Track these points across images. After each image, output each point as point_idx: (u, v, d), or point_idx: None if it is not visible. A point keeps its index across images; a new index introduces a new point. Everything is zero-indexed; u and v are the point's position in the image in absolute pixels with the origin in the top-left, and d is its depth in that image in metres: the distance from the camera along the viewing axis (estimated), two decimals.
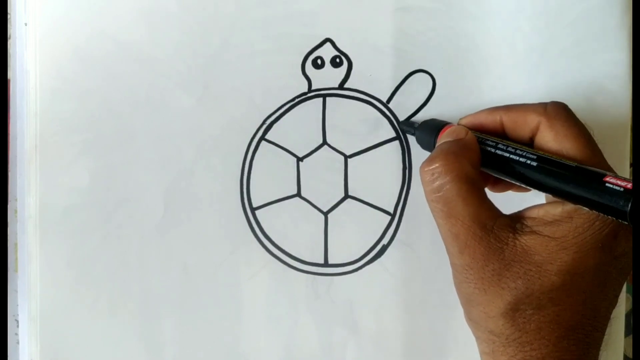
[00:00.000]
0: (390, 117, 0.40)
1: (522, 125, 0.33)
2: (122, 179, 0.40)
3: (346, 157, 0.40)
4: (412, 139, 0.40)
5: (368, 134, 0.40)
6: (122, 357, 0.40)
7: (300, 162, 0.40)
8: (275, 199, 0.40)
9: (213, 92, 0.40)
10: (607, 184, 0.28)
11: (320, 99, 0.40)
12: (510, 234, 0.31)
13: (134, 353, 0.40)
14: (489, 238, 0.30)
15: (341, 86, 0.40)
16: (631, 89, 0.41)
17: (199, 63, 0.40)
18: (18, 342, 0.40)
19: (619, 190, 0.28)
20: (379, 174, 0.40)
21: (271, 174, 0.40)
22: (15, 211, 0.40)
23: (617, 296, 0.32)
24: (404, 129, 0.40)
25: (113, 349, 0.40)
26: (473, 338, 0.33)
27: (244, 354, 0.40)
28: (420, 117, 0.40)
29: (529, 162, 0.31)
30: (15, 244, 0.40)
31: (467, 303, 0.32)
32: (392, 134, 0.40)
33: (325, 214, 0.40)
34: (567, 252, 0.30)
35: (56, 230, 0.39)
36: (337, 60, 0.40)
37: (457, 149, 0.33)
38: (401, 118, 0.41)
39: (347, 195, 0.40)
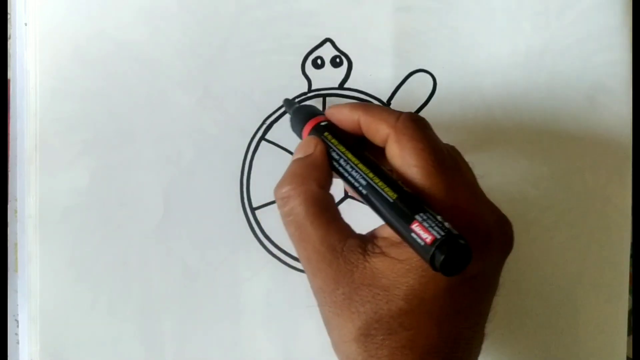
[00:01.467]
0: None
1: (374, 132, 0.32)
2: (122, 179, 0.40)
3: None
4: None
5: None
6: (122, 357, 0.40)
7: None
8: None
9: (213, 92, 0.40)
10: (412, 233, 0.27)
11: (320, 99, 0.40)
12: (360, 256, 0.30)
13: (134, 353, 0.40)
14: (339, 261, 0.29)
15: (341, 86, 0.40)
16: (632, 88, 0.40)
17: (199, 63, 0.40)
18: (18, 342, 0.40)
19: (421, 244, 0.27)
20: None
21: (271, 174, 0.40)
22: (15, 211, 0.40)
23: (484, 314, 0.31)
24: (285, 107, 0.39)
25: (113, 349, 0.40)
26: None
27: (244, 354, 0.40)
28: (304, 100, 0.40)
29: (359, 187, 0.31)
30: (15, 244, 0.40)
31: (326, 326, 0.31)
32: None
33: None
34: (412, 275, 0.28)
35: (56, 230, 0.39)
36: (337, 60, 0.40)
37: (304, 170, 0.32)
38: None
39: (347, 196, 0.40)
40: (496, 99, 0.41)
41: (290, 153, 0.40)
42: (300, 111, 0.37)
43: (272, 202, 0.40)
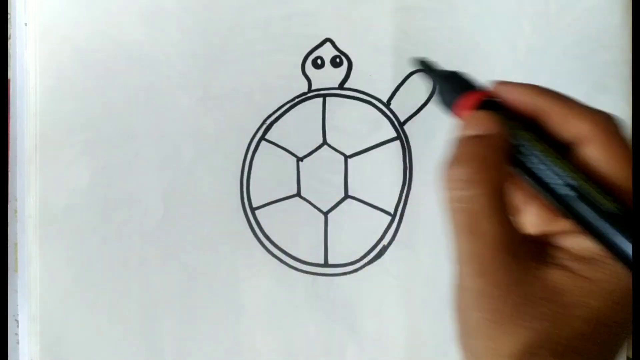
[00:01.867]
0: (391, 117, 0.40)
1: (565, 127, 0.27)
2: (122, 179, 0.40)
3: (346, 157, 0.40)
4: (413, 139, 0.40)
5: (368, 134, 0.40)
6: (122, 357, 0.40)
7: (300, 162, 0.40)
8: (275, 199, 0.40)
9: (213, 92, 0.40)
10: None
11: (320, 99, 0.40)
12: (537, 264, 0.27)
13: (134, 353, 0.40)
14: (515, 266, 0.26)
15: (341, 86, 0.40)
16: (632, 88, 0.40)
17: (199, 63, 0.40)
18: (18, 342, 0.40)
19: None
20: (379, 174, 0.40)
21: (271, 174, 0.40)
22: (15, 211, 0.40)
23: None
24: (420, 68, 0.32)
25: (113, 349, 0.40)
26: None
27: (244, 354, 0.40)
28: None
29: (557, 186, 0.26)
30: (15, 244, 0.40)
31: (469, 333, 0.27)
32: (392, 134, 0.40)
33: (325, 214, 0.40)
34: (600, 298, 0.26)
35: (56, 230, 0.39)
36: (337, 60, 0.40)
37: (489, 152, 0.27)
38: (402, 118, 0.40)
39: (347, 195, 0.40)
40: None
41: (291, 153, 0.40)
42: (455, 78, 0.30)
43: (272, 202, 0.40)
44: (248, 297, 0.40)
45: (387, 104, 0.40)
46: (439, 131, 0.40)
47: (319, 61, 0.40)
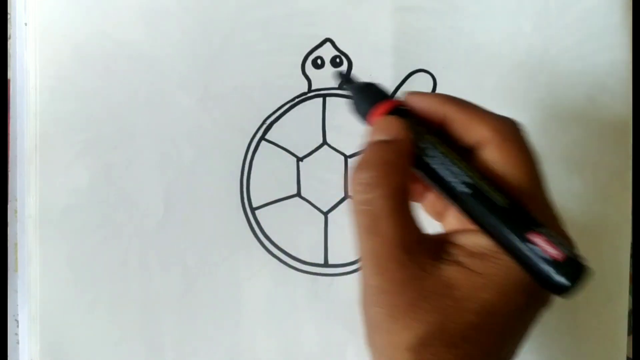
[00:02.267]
0: None
1: (468, 132, 0.29)
2: (122, 179, 0.40)
3: (346, 157, 0.40)
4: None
5: None
6: (122, 357, 0.40)
7: (300, 162, 0.40)
8: (275, 199, 0.40)
9: (213, 92, 0.40)
10: (532, 246, 0.26)
11: (320, 99, 0.40)
12: (434, 262, 0.28)
13: (134, 353, 0.40)
14: (411, 264, 0.28)
15: (341, 86, 0.40)
16: (632, 88, 0.40)
17: (199, 63, 0.40)
18: (18, 342, 0.40)
19: (546, 257, 0.25)
20: None
21: (271, 174, 0.40)
22: (15, 211, 0.40)
23: (528, 335, 0.30)
24: (338, 81, 0.34)
25: (113, 348, 0.40)
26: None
27: (244, 354, 0.40)
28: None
29: (456, 186, 0.28)
30: (15, 244, 0.40)
31: (372, 328, 0.29)
32: None
33: (325, 214, 0.40)
34: (490, 291, 0.27)
35: (56, 230, 0.39)
36: (337, 60, 0.40)
37: (393, 156, 0.29)
38: None
39: (347, 196, 0.40)
40: (496, 99, 0.41)
41: (291, 153, 0.40)
42: (369, 90, 0.32)
43: (272, 202, 0.40)
44: (248, 297, 0.40)
45: None
46: None
47: (319, 61, 0.40)
